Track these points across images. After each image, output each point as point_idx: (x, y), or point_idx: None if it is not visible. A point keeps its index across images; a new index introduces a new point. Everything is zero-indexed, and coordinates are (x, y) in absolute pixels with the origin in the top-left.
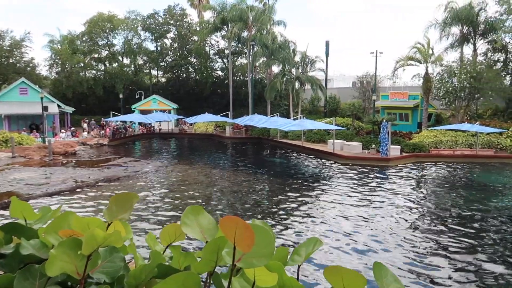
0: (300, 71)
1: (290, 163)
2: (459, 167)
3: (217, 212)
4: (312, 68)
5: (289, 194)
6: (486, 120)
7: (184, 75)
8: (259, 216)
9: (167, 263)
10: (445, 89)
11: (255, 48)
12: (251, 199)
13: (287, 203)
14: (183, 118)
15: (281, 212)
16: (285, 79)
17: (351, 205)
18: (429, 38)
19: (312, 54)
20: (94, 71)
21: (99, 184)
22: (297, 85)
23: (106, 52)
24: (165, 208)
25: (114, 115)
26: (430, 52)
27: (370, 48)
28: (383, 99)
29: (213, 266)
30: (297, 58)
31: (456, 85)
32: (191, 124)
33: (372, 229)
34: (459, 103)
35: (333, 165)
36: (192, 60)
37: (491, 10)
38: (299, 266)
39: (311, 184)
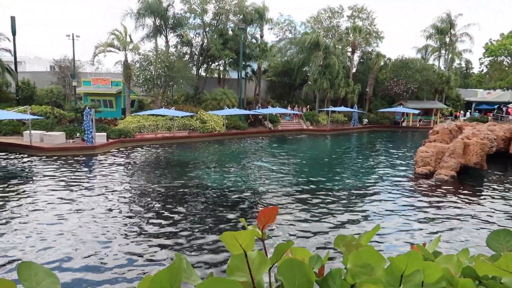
0: None
1: None
2: (160, 150)
3: None
4: None
5: None
6: (180, 105)
7: None
8: None
9: None
10: (144, 76)
11: None
12: None
13: None
14: None
15: None
16: None
17: (62, 201)
18: (126, 26)
19: None
20: None
21: None
22: None
23: None
24: None
25: None
26: (128, 40)
27: (66, 31)
28: (85, 85)
29: None
30: None
31: (153, 73)
32: None
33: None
34: (157, 90)
35: (32, 159)
36: None
37: (178, 7)
38: None
39: (9, 185)
